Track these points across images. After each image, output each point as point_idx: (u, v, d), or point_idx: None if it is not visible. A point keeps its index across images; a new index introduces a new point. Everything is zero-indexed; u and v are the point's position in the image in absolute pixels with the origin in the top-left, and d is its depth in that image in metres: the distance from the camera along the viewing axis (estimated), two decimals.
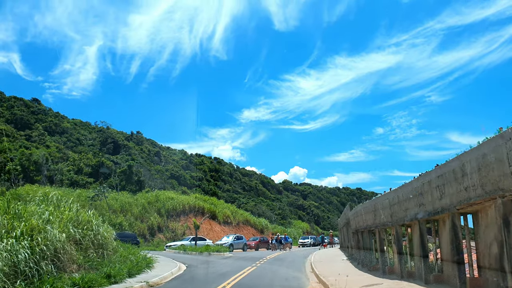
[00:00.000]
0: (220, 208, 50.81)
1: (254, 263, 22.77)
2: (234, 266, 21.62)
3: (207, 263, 22.56)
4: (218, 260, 24.86)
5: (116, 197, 41.99)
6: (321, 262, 21.50)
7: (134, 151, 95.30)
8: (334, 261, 22.52)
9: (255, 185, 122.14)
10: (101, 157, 54.37)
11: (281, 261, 25.19)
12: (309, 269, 19.52)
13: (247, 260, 25.49)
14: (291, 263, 23.75)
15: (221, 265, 22.02)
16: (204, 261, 23.95)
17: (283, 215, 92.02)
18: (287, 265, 22.21)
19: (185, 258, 25.64)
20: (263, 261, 24.67)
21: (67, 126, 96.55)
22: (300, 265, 22.54)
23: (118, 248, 17.59)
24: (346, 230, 26.73)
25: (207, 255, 29.02)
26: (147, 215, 41.82)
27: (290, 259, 27.53)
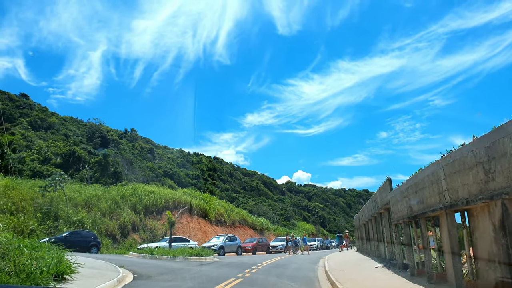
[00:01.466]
0: (212, 205, 43.12)
1: (241, 272, 15.28)
2: (209, 277, 14.01)
3: (170, 273, 14.85)
4: (192, 268, 17.16)
5: (80, 189, 34.39)
6: (342, 272, 13.73)
7: (124, 146, 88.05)
8: (362, 269, 14.77)
9: (257, 185, 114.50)
10: (72, 145, 46.85)
11: (282, 269, 17.52)
12: (326, 284, 11.75)
13: (234, 268, 17.90)
14: (296, 272, 16.07)
15: (189, 275, 14.34)
16: (169, 269, 16.24)
17: (286, 215, 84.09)
18: (289, 276, 14.48)
19: (146, 265, 17.94)
20: (256, 269, 17.05)
21: (54, 121, 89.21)
22: (309, 275, 14.84)
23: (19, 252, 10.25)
24: (374, 225, 18.99)
25: (183, 260, 21.38)
26: (119, 211, 34.18)
27: (294, 265, 19.84)
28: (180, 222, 38.62)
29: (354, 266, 15.93)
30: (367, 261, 18.31)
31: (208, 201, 43.85)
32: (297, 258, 26.44)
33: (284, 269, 17.55)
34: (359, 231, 28.93)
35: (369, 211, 20.17)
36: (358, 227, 28.24)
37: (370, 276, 12.26)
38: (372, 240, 20.13)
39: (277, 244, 39.68)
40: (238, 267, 18.44)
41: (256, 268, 17.31)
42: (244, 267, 17.81)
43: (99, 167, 42.75)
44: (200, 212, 41.10)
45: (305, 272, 16.53)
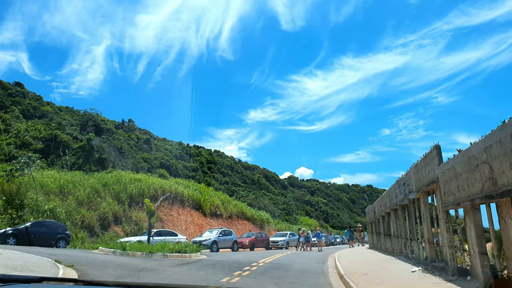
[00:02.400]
0: (207, 196, 39.09)
1: (228, 276, 11.38)
2: (178, 284, 9.94)
3: (127, 277, 10.82)
4: (165, 270, 13.12)
5: (55, 175, 30.41)
6: (365, 277, 9.67)
7: (119, 136, 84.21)
8: (392, 273, 10.71)
9: (258, 179, 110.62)
10: (54, 129, 42.84)
11: (282, 271, 13.51)
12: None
13: (221, 269, 13.97)
14: (300, 277, 12.07)
15: (153, 280, 10.33)
16: (131, 271, 12.20)
17: (288, 210, 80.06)
18: (292, 283, 10.43)
19: (106, 264, 13.91)
20: (250, 270, 13.09)
21: (48, 110, 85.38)
22: (319, 281, 10.83)
23: None
24: (401, 216, 14.84)
25: (160, 258, 17.41)
26: (99, 200, 30.19)
27: (298, 265, 15.82)
28: (170, 214, 34.63)
29: (378, 268, 11.85)
30: (391, 261, 14.21)
31: (202, 192, 39.82)
32: (301, 256, 22.41)
33: (284, 272, 13.50)
34: (373, 226, 24.87)
35: (391, 199, 16.08)
36: (373, 220, 24.19)
37: (414, 287, 8.18)
38: (396, 236, 16.05)
39: (278, 239, 35.71)
40: (227, 267, 14.45)
41: (249, 270, 13.29)
42: (235, 268, 13.82)
43: (83, 153, 38.79)
44: (193, 204, 37.09)
45: (313, 276, 12.46)
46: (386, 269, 11.90)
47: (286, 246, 35.28)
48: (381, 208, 19.54)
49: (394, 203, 15.69)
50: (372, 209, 24.19)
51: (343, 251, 24.42)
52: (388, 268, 11.93)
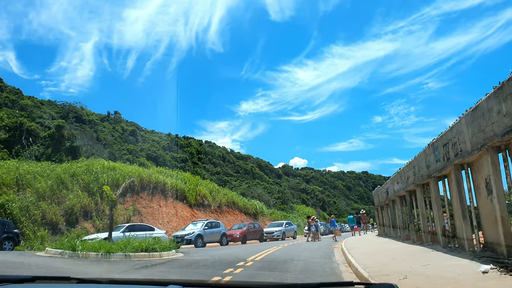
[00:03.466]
0: (192, 186, 35.06)
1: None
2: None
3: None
4: (114, 277, 8.99)
5: (13, 164, 26.22)
6: (408, 282, 5.66)
7: (101, 127, 79.72)
8: (444, 274, 6.76)
9: (251, 168, 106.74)
10: (19, 117, 38.45)
11: (276, 274, 9.60)
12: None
13: (191, 274, 10.04)
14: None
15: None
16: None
17: (284, 198, 76.28)
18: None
19: (34, 270, 9.89)
20: (231, 275, 9.09)
21: (27, 104, 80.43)
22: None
23: None
24: (435, 195, 10.89)
25: (121, 259, 13.47)
26: (65, 192, 26.12)
27: (299, 264, 11.90)
28: (150, 206, 30.60)
29: (418, 266, 8.01)
30: (426, 253, 10.33)
31: (187, 181, 35.79)
32: (301, 249, 18.53)
33: (281, 274, 9.58)
34: (384, 210, 21.04)
35: (419, 170, 12.20)
36: (384, 203, 20.35)
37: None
38: (427, 218, 12.19)
39: (273, 230, 31.88)
40: (203, 271, 10.52)
41: (232, 274, 9.35)
42: (214, 270, 9.93)
43: (52, 141, 34.60)
44: (177, 194, 33.08)
45: (322, 280, 8.52)
46: (429, 266, 8.02)
47: (282, 237, 31.48)
48: (398, 186, 15.72)
49: (423, 176, 11.82)
50: (382, 190, 20.35)
51: (349, 241, 20.61)
52: (433, 265, 8.04)
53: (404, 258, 10.03)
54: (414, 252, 11.09)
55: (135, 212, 29.19)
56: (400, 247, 13.18)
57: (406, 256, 10.15)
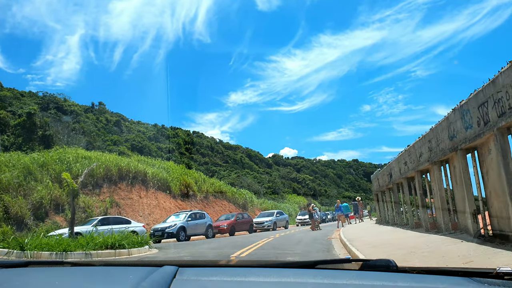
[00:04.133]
0: (175, 175, 32.69)
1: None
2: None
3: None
4: None
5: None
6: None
7: (84, 118, 76.77)
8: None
9: (240, 158, 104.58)
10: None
11: None
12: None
13: None
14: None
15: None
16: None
17: (274, 188, 74.31)
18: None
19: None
20: None
21: (6, 95, 77.13)
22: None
23: None
24: (459, 170, 8.73)
25: (80, 258, 11.13)
26: (33, 184, 23.63)
27: (294, 260, 9.55)
28: (129, 197, 28.22)
29: (458, 261, 5.78)
30: (456, 244, 8.16)
31: (170, 170, 33.41)
32: (295, 240, 16.39)
33: None
34: (386, 195, 18.90)
35: (438, 144, 10.02)
36: (386, 188, 18.19)
37: None
38: (451, 202, 10.07)
39: (264, 220, 29.78)
40: None
41: None
42: None
43: (23, 130, 31.91)
44: (159, 184, 30.68)
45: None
46: (475, 264, 5.87)
47: (273, 227, 29.41)
48: (406, 167, 13.57)
49: (443, 150, 9.65)
50: (384, 173, 18.18)
51: (347, 230, 18.51)
52: (480, 262, 5.88)
53: (429, 251, 7.88)
54: (436, 242, 8.94)
55: (112, 204, 26.82)
56: (412, 237, 11.04)
57: (431, 249, 7.99)
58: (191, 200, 32.86)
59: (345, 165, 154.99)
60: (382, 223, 20.17)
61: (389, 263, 1.34)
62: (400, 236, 11.74)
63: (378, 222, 22.11)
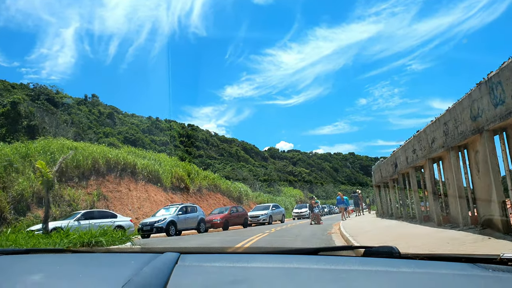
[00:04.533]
0: (167, 167, 31.37)
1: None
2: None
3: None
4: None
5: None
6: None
7: (76, 110, 75.26)
8: None
9: (236, 151, 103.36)
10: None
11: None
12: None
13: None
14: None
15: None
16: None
17: (270, 181, 73.07)
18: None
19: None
20: None
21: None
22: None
23: None
24: (484, 154, 7.49)
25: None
26: (14, 176, 22.28)
27: None
28: (118, 190, 26.90)
29: None
30: (484, 241, 6.93)
31: (162, 162, 32.09)
32: (291, 235, 15.16)
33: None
34: (388, 187, 17.66)
35: (456, 126, 8.76)
36: (390, 179, 16.91)
37: None
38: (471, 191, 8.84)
39: (259, 213, 28.56)
40: None
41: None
42: None
43: (7, 120, 30.44)
44: (150, 176, 29.38)
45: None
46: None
47: (269, 221, 28.21)
48: (414, 155, 12.32)
49: (463, 133, 8.40)
50: (388, 163, 16.88)
51: (347, 224, 17.29)
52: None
53: (450, 249, 6.64)
54: (458, 239, 7.70)
55: (100, 197, 25.50)
56: (425, 232, 9.81)
57: (455, 247, 6.74)
58: (183, 193, 31.57)
59: (341, 158, 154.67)
60: (385, 216, 18.96)
61: (392, 250, 1.34)
62: (410, 231, 10.50)
63: (380, 216, 20.91)
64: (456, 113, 8.70)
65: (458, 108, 8.49)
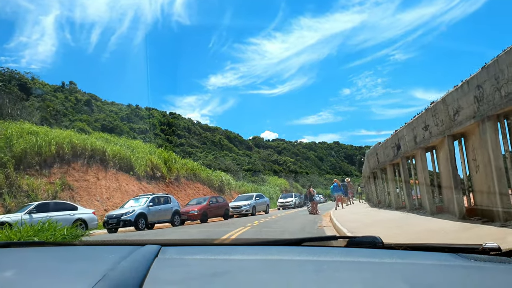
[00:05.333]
0: (140, 154, 28.77)
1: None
2: None
3: None
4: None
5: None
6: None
7: (50, 97, 71.80)
8: None
9: (219, 140, 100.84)
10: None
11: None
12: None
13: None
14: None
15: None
16: None
17: (255, 170, 70.93)
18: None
19: None
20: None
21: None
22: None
23: None
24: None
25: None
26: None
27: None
28: (85, 179, 24.27)
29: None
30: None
31: (134, 148, 29.48)
32: (277, 228, 12.91)
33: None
34: (386, 174, 15.47)
35: (485, 95, 6.57)
36: (389, 165, 14.66)
37: None
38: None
39: (241, 204, 26.29)
40: None
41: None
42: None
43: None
44: (121, 164, 26.77)
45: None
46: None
47: (252, 211, 25.99)
48: (425, 133, 10.09)
49: (505, 99, 6.21)
50: (387, 145, 14.59)
51: (339, 215, 15.11)
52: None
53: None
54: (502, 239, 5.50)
55: (64, 186, 22.85)
56: (449, 228, 7.60)
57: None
58: (159, 182, 29.06)
59: (326, 147, 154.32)
60: (382, 206, 16.85)
61: (375, 240, 1.35)
62: (426, 226, 8.29)
63: (375, 206, 18.82)
64: (497, 71, 6.47)
65: (504, 61, 6.26)
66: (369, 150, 18.78)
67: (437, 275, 1.01)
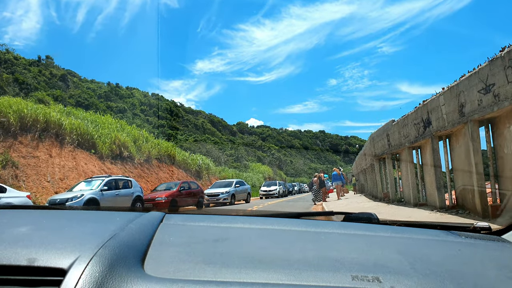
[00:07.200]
0: (105, 131, 24.96)
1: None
2: None
3: None
4: None
5: None
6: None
7: (20, 68, 67.02)
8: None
9: (202, 123, 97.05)
10: None
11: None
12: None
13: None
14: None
15: None
16: None
17: (237, 156, 67.49)
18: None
19: None
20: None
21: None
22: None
23: None
24: None
25: None
26: None
27: None
28: (34, 155, 20.43)
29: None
30: None
31: (98, 123, 25.66)
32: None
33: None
34: (403, 161, 12.18)
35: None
36: (408, 147, 11.35)
37: None
38: None
39: (219, 191, 22.80)
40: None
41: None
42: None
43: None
44: (81, 140, 22.97)
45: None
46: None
47: (230, 200, 22.58)
48: (484, 98, 6.84)
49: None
50: (407, 123, 11.22)
51: (336, 207, 11.95)
52: None
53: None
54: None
55: (7, 163, 19.01)
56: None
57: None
58: (125, 163, 25.35)
59: (311, 136, 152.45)
60: (389, 201, 13.62)
61: (371, 216, 1.39)
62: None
63: (379, 200, 15.57)
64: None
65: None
66: (375, 132, 15.46)
67: (429, 248, 1.06)
